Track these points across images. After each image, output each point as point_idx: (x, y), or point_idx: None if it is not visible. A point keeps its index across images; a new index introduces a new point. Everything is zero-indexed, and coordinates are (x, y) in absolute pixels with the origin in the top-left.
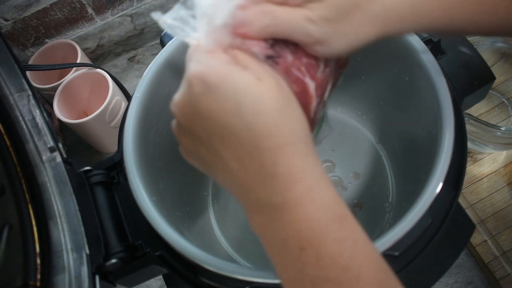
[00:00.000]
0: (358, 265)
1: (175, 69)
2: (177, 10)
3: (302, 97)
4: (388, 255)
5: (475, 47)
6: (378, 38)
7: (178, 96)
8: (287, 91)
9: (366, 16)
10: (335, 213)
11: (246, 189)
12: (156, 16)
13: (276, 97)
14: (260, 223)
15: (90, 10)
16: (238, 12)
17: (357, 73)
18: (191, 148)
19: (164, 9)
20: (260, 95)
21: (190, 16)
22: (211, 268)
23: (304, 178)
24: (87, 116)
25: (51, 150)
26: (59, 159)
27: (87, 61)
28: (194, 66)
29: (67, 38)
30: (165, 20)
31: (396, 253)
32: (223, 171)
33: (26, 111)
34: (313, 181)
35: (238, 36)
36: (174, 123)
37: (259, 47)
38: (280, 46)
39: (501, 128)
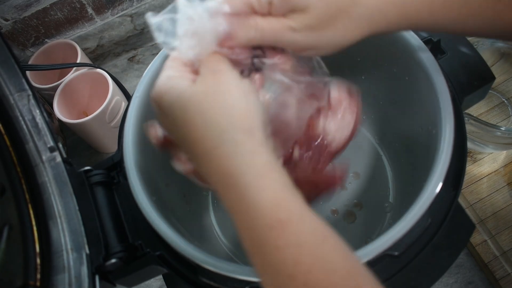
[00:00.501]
0: (304, 272)
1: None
2: (166, 14)
3: None
4: (388, 255)
5: (475, 47)
6: (364, 37)
7: None
8: (225, 88)
9: (351, 20)
10: (273, 218)
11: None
12: (148, 17)
13: (201, 100)
14: None
15: (90, 10)
16: (223, 25)
17: (357, 73)
18: None
19: (164, 9)
20: (186, 104)
21: (171, 22)
22: (211, 268)
23: (235, 183)
24: (87, 116)
25: (51, 150)
26: (59, 159)
27: (87, 61)
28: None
29: (67, 38)
30: (153, 21)
31: (396, 253)
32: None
33: (26, 111)
34: (245, 185)
35: (224, 47)
36: None
37: (243, 54)
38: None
39: (501, 128)
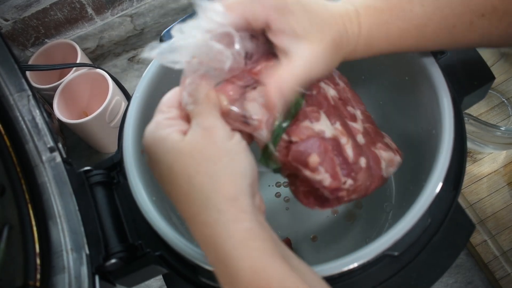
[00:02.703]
0: None
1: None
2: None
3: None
4: (388, 255)
5: None
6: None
7: None
8: (213, 151)
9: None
10: (253, 287)
11: None
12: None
13: (187, 163)
14: None
15: (90, 10)
16: (227, 62)
17: (357, 73)
18: None
19: (164, 9)
20: (173, 163)
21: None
22: (211, 268)
23: (217, 250)
24: (87, 116)
25: (51, 150)
26: (59, 159)
27: (87, 61)
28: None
29: (67, 38)
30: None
31: (396, 253)
32: None
33: (26, 111)
34: (225, 254)
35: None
36: None
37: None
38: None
39: (501, 128)
